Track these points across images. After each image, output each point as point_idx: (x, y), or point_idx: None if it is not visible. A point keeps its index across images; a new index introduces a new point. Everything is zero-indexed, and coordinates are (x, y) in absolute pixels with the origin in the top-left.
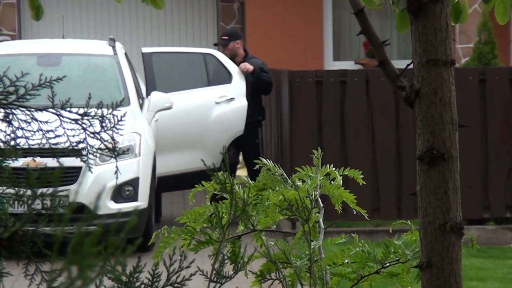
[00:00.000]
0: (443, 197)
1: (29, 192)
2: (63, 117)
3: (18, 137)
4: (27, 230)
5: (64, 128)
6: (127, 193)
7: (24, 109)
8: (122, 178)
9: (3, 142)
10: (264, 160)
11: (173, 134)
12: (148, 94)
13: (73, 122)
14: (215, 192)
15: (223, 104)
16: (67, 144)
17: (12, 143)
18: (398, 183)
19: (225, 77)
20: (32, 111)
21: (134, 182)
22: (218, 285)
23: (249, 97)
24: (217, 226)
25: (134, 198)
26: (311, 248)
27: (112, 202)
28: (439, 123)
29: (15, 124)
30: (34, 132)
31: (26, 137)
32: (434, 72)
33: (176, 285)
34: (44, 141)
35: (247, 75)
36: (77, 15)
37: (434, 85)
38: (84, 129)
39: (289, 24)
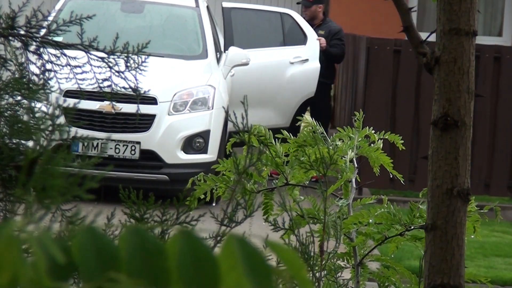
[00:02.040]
0: (453, 163)
1: (101, 135)
2: (90, 54)
3: (48, 70)
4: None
5: (91, 65)
6: (198, 145)
7: (54, 43)
8: (194, 130)
9: (36, 75)
10: (307, 117)
11: (247, 91)
12: (226, 49)
13: (99, 60)
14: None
15: (297, 64)
16: (94, 81)
17: (42, 77)
18: None
19: (300, 38)
20: (62, 46)
21: (205, 135)
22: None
23: (322, 60)
24: (235, 173)
25: (204, 150)
26: (340, 206)
27: (182, 152)
28: (456, 91)
29: (45, 57)
30: (62, 66)
31: (55, 71)
32: (456, 41)
33: (184, 224)
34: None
35: (322, 35)
36: None
37: (454, 54)
38: (110, 67)
39: None
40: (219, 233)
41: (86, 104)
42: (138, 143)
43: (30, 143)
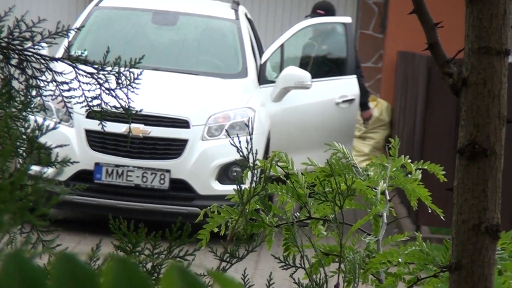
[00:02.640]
0: (481, 196)
1: (129, 161)
2: (78, 69)
3: (31, 87)
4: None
5: (79, 81)
6: (234, 174)
7: (39, 57)
8: (230, 157)
9: (18, 92)
10: (336, 144)
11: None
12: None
13: (88, 75)
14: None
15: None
16: (82, 98)
17: (26, 92)
18: None
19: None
20: (47, 60)
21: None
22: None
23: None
24: (239, 204)
25: (241, 180)
26: (368, 243)
27: (217, 182)
28: (485, 116)
29: (29, 72)
30: (48, 82)
31: (39, 87)
32: (485, 61)
33: (178, 259)
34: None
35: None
36: None
37: (483, 75)
38: (100, 84)
39: (437, 5)
40: (219, 270)
41: (111, 127)
42: (168, 171)
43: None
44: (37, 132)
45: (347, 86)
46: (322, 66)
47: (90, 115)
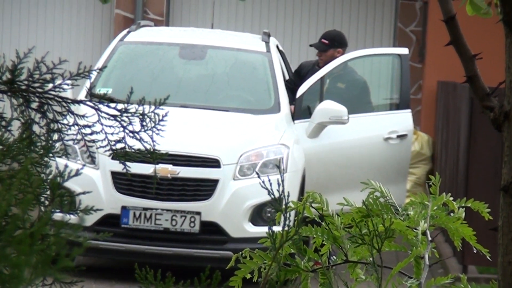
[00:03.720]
0: None
1: (157, 204)
2: (101, 111)
3: (52, 131)
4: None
5: (102, 124)
6: (269, 215)
7: (60, 99)
8: (264, 198)
9: (38, 136)
10: (373, 182)
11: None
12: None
13: (111, 118)
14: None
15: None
16: (105, 142)
17: (47, 137)
18: None
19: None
20: (69, 102)
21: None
22: None
23: None
24: (272, 248)
25: (274, 222)
26: (409, 286)
27: (250, 224)
28: None
29: (50, 115)
30: (70, 126)
31: (60, 131)
32: None
33: None
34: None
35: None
36: (231, 2)
37: None
38: (124, 127)
39: (478, 32)
40: None
41: (137, 168)
42: (198, 213)
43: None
44: (59, 178)
45: (399, 120)
46: (368, 100)
47: (116, 157)
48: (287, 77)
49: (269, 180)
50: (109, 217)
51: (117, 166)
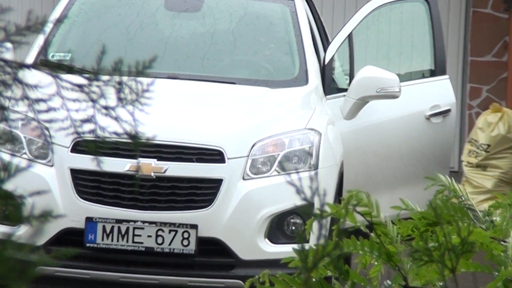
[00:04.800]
0: None
1: (136, 214)
2: (61, 80)
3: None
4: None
5: (63, 97)
6: (293, 228)
7: (1, 63)
8: (286, 204)
9: None
10: (441, 177)
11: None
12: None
13: (77, 89)
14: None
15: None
16: (67, 123)
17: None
18: None
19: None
20: (14, 67)
21: (305, 211)
22: None
23: None
24: (302, 270)
25: (304, 237)
26: None
27: (267, 241)
28: None
29: None
30: (16, 100)
31: (3, 108)
32: None
33: None
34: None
35: None
36: None
37: None
38: (93, 101)
39: None
40: None
41: (109, 164)
42: (194, 227)
43: None
44: (1, 174)
45: (439, 91)
46: (400, 64)
47: (78, 147)
48: (318, 37)
49: (299, 177)
50: (69, 233)
51: (80, 162)
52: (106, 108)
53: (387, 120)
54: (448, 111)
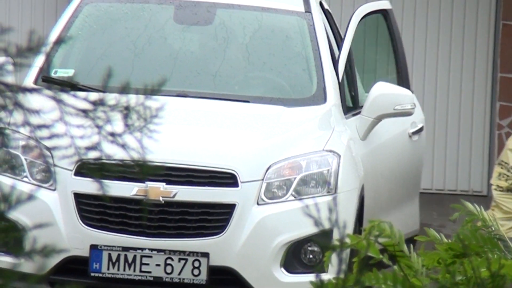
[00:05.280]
0: None
1: (144, 242)
2: (65, 104)
3: None
4: None
5: (66, 123)
6: (310, 257)
7: (1, 86)
8: (303, 231)
9: None
10: (469, 205)
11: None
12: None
13: (80, 114)
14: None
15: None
16: (72, 150)
17: None
18: None
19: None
20: (14, 91)
21: (323, 239)
22: None
23: None
24: None
25: (322, 267)
26: None
27: (282, 270)
28: None
29: None
30: (18, 126)
31: (2, 133)
32: None
33: None
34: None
35: None
36: None
37: None
38: (99, 126)
39: None
40: None
41: (114, 188)
42: (206, 255)
43: None
44: (2, 204)
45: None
46: (364, 79)
47: (82, 170)
48: (336, 51)
49: (316, 203)
50: (73, 262)
51: (84, 186)
52: (112, 134)
53: (387, 140)
54: (422, 128)
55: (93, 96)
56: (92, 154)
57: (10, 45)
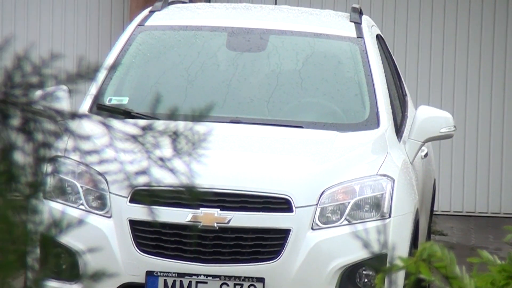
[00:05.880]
0: None
1: (199, 268)
2: (114, 130)
3: (43, 160)
4: None
5: (116, 149)
6: (365, 281)
7: (53, 113)
8: (358, 255)
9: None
10: None
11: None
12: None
13: (129, 138)
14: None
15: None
16: (121, 175)
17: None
18: None
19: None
20: (66, 118)
21: (378, 263)
22: None
23: None
24: None
25: None
26: None
27: None
28: None
29: (39, 137)
30: (69, 152)
31: (54, 160)
32: None
33: None
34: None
35: None
36: None
37: None
38: (148, 151)
39: None
40: None
41: (168, 215)
42: (261, 280)
43: None
44: (53, 230)
45: None
46: None
47: (136, 198)
48: (389, 75)
49: (365, 228)
50: None
51: (139, 213)
52: (161, 159)
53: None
54: (427, 154)
55: (142, 122)
56: (142, 179)
57: (61, 72)
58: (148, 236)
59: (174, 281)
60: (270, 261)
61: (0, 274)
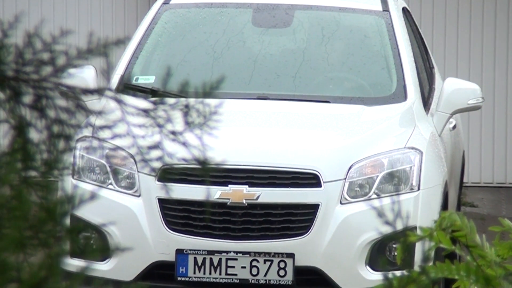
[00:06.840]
0: None
1: (229, 245)
2: (125, 105)
3: (57, 136)
4: None
5: (128, 123)
6: (395, 253)
7: (65, 89)
8: (387, 228)
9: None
10: None
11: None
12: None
13: (141, 113)
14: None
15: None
16: (134, 149)
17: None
18: None
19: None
20: (78, 93)
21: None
22: None
23: None
24: None
25: (408, 262)
26: None
27: (368, 269)
28: None
29: (51, 114)
30: (80, 127)
31: (67, 137)
32: None
33: None
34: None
35: None
36: None
37: None
38: (160, 125)
39: None
40: None
41: (198, 192)
42: (291, 256)
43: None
44: (67, 204)
45: None
46: None
47: (165, 176)
48: (416, 49)
49: (393, 200)
50: (159, 267)
51: (167, 191)
52: (173, 133)
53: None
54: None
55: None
56: (154, 154)
57: (71, 48)
58: (177, 214)
59: (204, 258)
60: (300, 237)
61: (15, 252)
